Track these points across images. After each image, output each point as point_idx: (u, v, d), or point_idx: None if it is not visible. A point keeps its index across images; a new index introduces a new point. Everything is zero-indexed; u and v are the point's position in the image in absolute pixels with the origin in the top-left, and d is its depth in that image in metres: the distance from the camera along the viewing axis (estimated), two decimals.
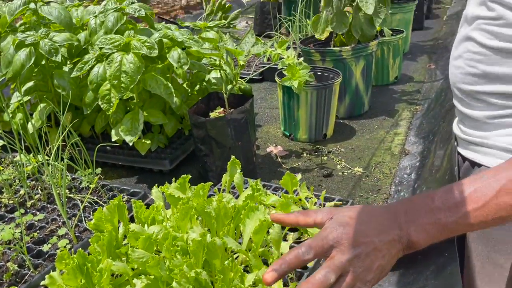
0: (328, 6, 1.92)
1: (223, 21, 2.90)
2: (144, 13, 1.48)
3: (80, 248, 0.81)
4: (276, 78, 1.77)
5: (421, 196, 0.61)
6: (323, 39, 1.98)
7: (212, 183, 1.11)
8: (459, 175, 0.98)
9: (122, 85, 1.33)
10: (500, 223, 0.59)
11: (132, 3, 1.55)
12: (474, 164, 0.87)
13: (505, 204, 0.57)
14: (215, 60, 1.63)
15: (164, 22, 2.77)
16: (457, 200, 0.58)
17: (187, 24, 1.73)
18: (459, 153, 0.95)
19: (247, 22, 4.01)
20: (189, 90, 1.70)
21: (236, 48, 1.42)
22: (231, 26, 2.98)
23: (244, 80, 2.33)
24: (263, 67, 2.49)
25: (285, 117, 1.81)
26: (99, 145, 1.40)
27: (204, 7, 2.96)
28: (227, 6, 2.96)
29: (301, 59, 1.69)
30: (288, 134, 1.84)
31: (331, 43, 2.04)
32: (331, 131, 1.83)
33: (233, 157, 1.17)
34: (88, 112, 1.49)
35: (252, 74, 2.49)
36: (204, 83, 1.68)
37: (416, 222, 0.58)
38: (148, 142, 1.52)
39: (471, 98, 0.84)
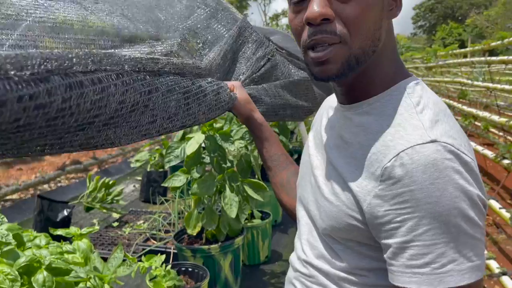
0: (198, 206, 2.15)
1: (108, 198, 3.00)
2: (11, 238, 1.53)
3: None
4: (148, 283, 1.86)
5: None
6: (195, 234, 2.16)
7: None
8: None
9: None
10: None
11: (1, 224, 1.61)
12: None
13: None
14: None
15: (40, 200, 2.78)
16: None
17: (59, 232, 1.80)
18: None
19: (134, 186, 4.15)
20: None
21: (103, 273, 1.52)
22: (114, 201, 3.09)
23: None
24: (144, 249, 2.57)
25: None
26: None
27: (87, 184, 3.06)
28: (110, 182, 3.09)
29: (169, 266, 1.82)
30: None
31: (203, 236, 2.23)
32: None
33: None
34: None
35: (131, 255, 2.54)
36: None
37: None
38: None
39: None
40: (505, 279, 2.67)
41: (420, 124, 0.71)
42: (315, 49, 0.74)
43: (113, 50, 0.73)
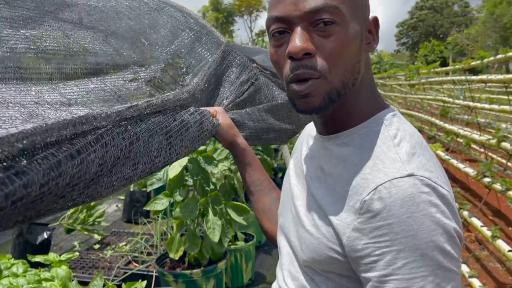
0: (181, 229, 2.13)
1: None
2: None
3: None
4: None
5: None
6: (177, 258, 2.13)
7: None
8: None
9: None
10: None
11: None
12: None
13: None
14: None
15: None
16: None
17: (37, 259, 1.76)
18: None
19: (117, 205, 4.10)
20: None
21: None
22: (96, 223, 3.04)
23: None
24: (125, 272, 2.53)
25: None
26: None
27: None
28: (92, 204, 3.05)
29: None
30: None
31: (186, 259, 2.20)
32: None
33: None
34: None
35: (112, 280, 2.50)
36: None
37: None
38: None
39: None
40: None
41: (397, 157, 0.72)
42: (297, 82, 0.75)
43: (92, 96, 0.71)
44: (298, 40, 0.72)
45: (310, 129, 1.02)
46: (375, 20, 0.80)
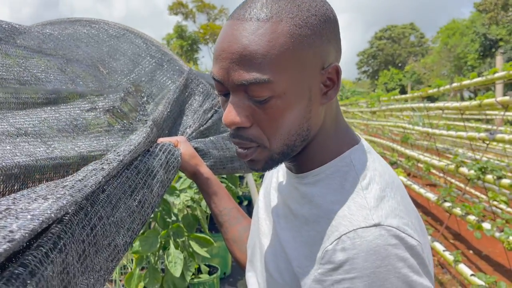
0: (140, 263, 2.04)
1: None
2: None
3: None
4: None
5: None
6: None
7: None
8: None
9: None
10: None
11: None
12: None
13: None
14: None
15: None
16: None
17: None
18: None
19: None
20: None
21: None
22: None
23: None
24: None
25: None
26: None
27: None
28: None
29: None
30: None
31: None
32: None
33: None
34: None
35: None
36: None
37: None
38: None
39: None
40: None
41: (364, 203, 0.68)
42: (239, 146, 0.72)
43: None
44: (230, 112, 0.67)
45: None
46: (336, 68, 0.72)
